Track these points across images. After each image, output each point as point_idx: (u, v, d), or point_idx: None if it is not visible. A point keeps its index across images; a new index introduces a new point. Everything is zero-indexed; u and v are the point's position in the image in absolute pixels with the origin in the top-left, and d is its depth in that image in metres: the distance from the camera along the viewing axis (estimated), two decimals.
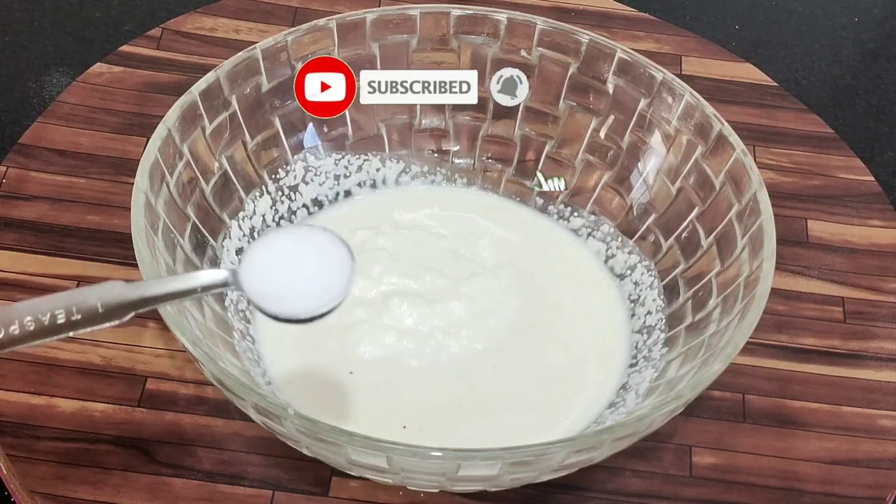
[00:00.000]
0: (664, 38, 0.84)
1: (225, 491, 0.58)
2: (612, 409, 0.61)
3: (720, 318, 0.59)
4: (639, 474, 0.61)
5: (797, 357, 0.66)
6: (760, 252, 0.58)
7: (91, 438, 0.59)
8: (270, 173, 0.68)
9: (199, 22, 0.82)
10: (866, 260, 0.71)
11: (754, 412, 0.64)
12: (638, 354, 0.64)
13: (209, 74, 0.64)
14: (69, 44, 0.86)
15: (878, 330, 0.68)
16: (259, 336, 0.63)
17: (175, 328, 0.53)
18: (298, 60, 0.67)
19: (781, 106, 0.80)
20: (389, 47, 0.69)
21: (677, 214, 0.66)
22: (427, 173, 0.73)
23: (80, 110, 0.75)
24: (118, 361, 0.63)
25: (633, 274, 0.68)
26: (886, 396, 0.65)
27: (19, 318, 0.46)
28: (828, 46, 0.94)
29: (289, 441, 0.55)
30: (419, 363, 0.63)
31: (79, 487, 0.58)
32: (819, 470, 0.61)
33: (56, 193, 0.70)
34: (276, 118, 0.68)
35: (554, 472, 0.55)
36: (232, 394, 0.53)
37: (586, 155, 0.70)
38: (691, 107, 0.65)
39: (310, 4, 0.83)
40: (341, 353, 0.63)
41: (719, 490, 0.60)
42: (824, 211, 0.74)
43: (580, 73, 0.69)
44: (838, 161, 0.77)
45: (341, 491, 0.59)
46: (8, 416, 0.60)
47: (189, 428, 0.60)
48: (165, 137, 0.60)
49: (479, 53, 0.70)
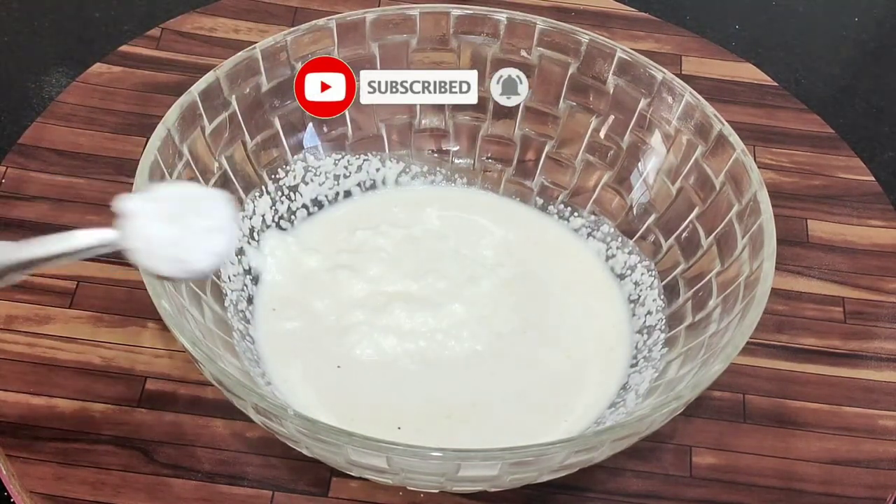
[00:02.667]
0: (664, 38, 0.84)
1: (225, 491, 0.58)
2: (612, 410, 0.61)
3: (720, 319, 0.59)
4: (639, 474, 0.61)
5: (797, 357, 0.66)
6: (761, 252, 0.58)
7: (91, 439, 0.59)
8: (270, 173, 0.68)
9: (199, 22, 0.82)
10: (866, 260, 0.71)
11: (754, 412, 0.63)
12: (638, 355, 0.64)
13: (209, 74, 0.64)
14: (69, 44, 0.86)
15: (879, 330, 0.68)
16: (259, 336, 0.63)
17: (175, 328, 0.53)
18: (298, 60, 0.67)
19: (781, 106, 0.80)
20: (389, 47, 0.69)
21: (677, 214, 0.66)
22: (427, 173, 0.73)
23: (80, 110, 0.75)
24: (118, 362, 0.63)
25: (634, 274, 0.67)
26: (886, 396, 0.65)
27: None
28: (828, 46, 0.94)
29: (289, 441, 0.55)
30: (419, 364, 0.63)
31: (78, 488, 0.58)
32: (819, 470, 0.61)
33: (56, 193, 0.70)
34: (276, 118, 0.68)
35: (554, 472, 0.55)
36: (232, 394, 0.53)
37: (586, 155, 0.70)
38: (691, 107, 0.65)
39: (310, 4, 0.83)
40: (341, 353, 0.63)
41: (719, 490, 0.60)
42: (824, 211, 0.74)
43: (580, 73, 0.69)
44: (838, 161, 0.77)
45: (341, 491, 0.59)
46: (8, 417, 0.60)
47: (189, 428, 0.60)
48: (165, 137, 0.60)
49: (479, 53, 0.70)
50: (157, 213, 0.49)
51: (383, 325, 0.64)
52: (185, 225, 0.49)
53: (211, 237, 0.50)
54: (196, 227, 0.49)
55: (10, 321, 0.64)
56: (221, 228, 0.50)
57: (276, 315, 0.65)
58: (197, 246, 0.49)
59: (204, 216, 0.50)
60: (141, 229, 0.49)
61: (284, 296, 0.65)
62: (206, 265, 0.50)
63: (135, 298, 0.65)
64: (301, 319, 0.64)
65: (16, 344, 0.63)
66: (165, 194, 0.50)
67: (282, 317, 0.64)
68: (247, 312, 0.64)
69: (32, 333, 0.63)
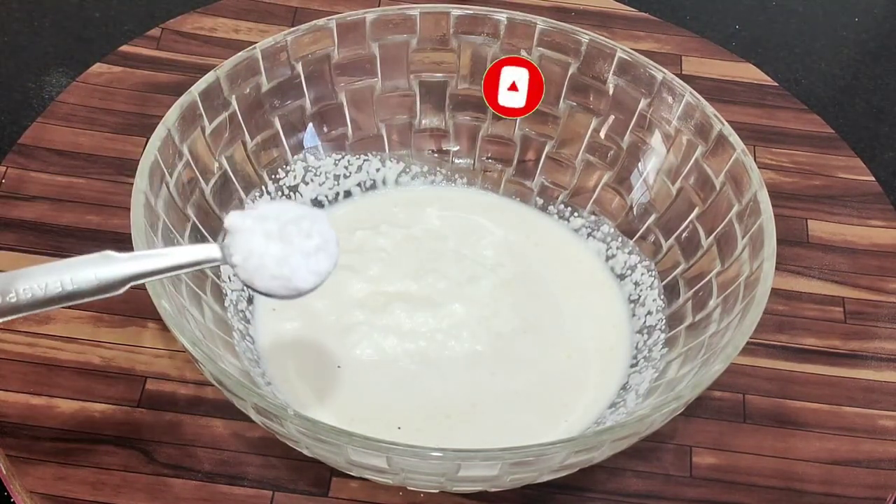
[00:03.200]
0: (664, 38, 0.84)
1: (225, 491, 0.58)
2: (612, 410, 0.61)
3: (720, 319, 0.59)
4: (639, 475, 0.61)
5: (797, 357, 0.66)
6: (761, 252, 0.58)
7: (91, 439, 0.59)
8: (270, 173, 0.68)
9: (199, 22, 0.82)
10: (866, 260, 0.71)
11: (754, 412, 0.63)
12: (638, 355, 0.64)
13: (209, 74, 0.64)
14: (69, 44, 0.86)
15: (879, 330, 0.68)
16: (259, 336, 0.63)
17: (175, 328, 0.53)
18: (298, 60, 0.67)
19: (781, 106, 0.80)
20: (389, 47, 0.69)
21: (677, 214, 0.66)
22: (427, 173, 0.73)
23: (80, 110, 0.75)
24: (118, 362, 0.63)
25: (634, 274, 0.67)
26: (887, 396, 0.65)
27: (16, 287, 0.46)
28: (828, 46, 0.94)
29: (289, 441, 0.55)
30: (419, 364, 0.63)
31: (78, 488, 0.58)
32: (819, 470, 0.61)
33: (56, 194, 0.70)
34: (276, 118, 0.68)
35: (554, 472, 0.55)
36: (232, 394, 0.53)
37: (586, 155, 0.70)
38: (691, 107, 0.65)
39: (310, 4, 0.83)
40: (341, 353, 0.63)
41: (719, 490, 0.60)
42: (825, 211, 0.74)
43: (580, 73, 0.69)
44: (838, 161, 0.77)
45: (341, 491, 0.59)
46: (8, 416, 0.60)
47: (189, 428, 0.60)
48: (165, 137, 0.60)
49: (478, 53, 0.70)
50: (263, 230, 0.50)
51: (383, 325, 0.64)
52: (290, 243, 0.50)
53: (316, 257, 0.50)
54: (300, 246, 0.50)
55: (10, 321, 0.63)
56: (325, 248, 0.51)
57: (276, 315, 0.65)
58: (301, 265, 0.50)
59: (307, 235, 0.50)
60: (246, 245, 0.49)
61: None
62: (310, 285, 0.50)
63: (135, 298, 0.64)
64: (301, 319, 0.64)
65: (16, 344, 0.63)
66: (270, 212, 0.50)
67: (282, 317, 0.64)
68: (247, 312, 0.64)
69: (32, 333, 0.63)
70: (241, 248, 0.49)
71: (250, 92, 0.66)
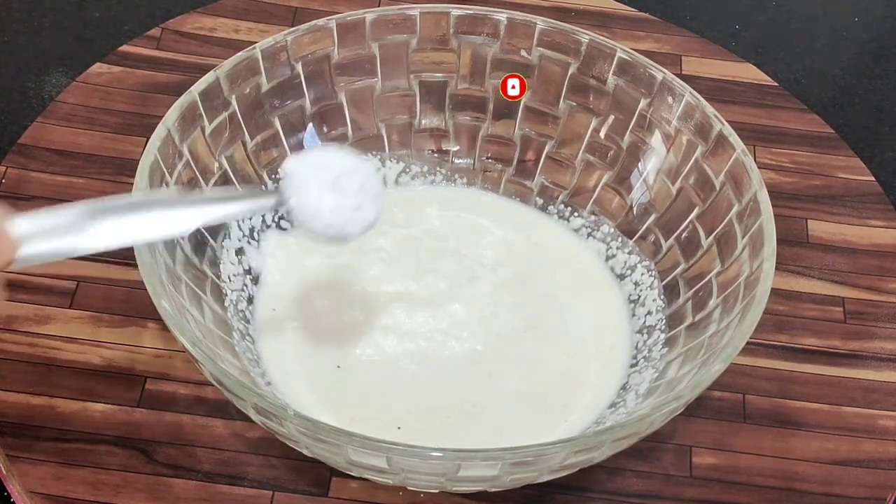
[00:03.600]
0: (664, 38, 0.84)
1: (225, 491, 0.58)
2: (612, 410, 0.61)
3: (720, 319, 0.59)
4: (639, 475, 0.61)
5: (797, 357, 0.66)
6: (761, 252, 0.58)
7: (91, 439, 0.59)
8: (270, 173, 0.68)
9: (199, 22, 0.82)
10: (866, 260, 0.71)
11: (754, 412, 0.63)
12: (638, 355, 0.64)
13: (209, 74, 0.64)
14: (69, 44, 0.86)
15: (879, 330, 0.68)
16: (259, 336, 0.63)
17: (175, 328, 0.53)
18: (298, 60, 0.67)
19: (781, 106, 0.80)
20: (389, 47, 0.69)
21: (677, 214, 0.66)
22: (427, 173, 0.73)
23: (80, 110, 0.75)
24: (118, 362, 0.63)
25: (633, 274, 0.67)
26: (886, 396, 0.65)
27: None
28: (828, 46, 0.94)
29: (289, 441, 0.55)
30: (419, 364, 0.63)
31: (78, 488, 0.58)
32: (819, 470, 0.61)
33: (56, 193, 0.70)
34: (276, 118, 0.68)
35: (554, 472, 0.55)
36: (232, 394, 0.53)
37: (586, 155, 0.70)
38: (691, 107, 0.65)
39: (310, 4, 0.83)
40: (341, 353, 0.63)
41: (719, 490, 0.60)
42: (824, 211, 0.74)
43: (580, 73, 0.69)
44: (838, 161, 0.77)
45: (341, 491, 0.59)
46: (8, 416, 0.60)
47: (189, 428, 0.60)
48: (165, 137, 0.60)
49: (478, 53, 0.70)
50: (319, 180, 0.53)
51: (383, 325, 0.64)
52: (343, 192, 0.53)
53: (365, 207, 0.54)
54: (352, 200, 0.53)
55: (10, 321, 0.64)
56: (374, 199, 0.54)
57: (276, 315, 0.65)
58: (352, 215, 0.53)
59: (360, 188, 0.54)
60: (302, 191, 0.53)
61: (284, 296, 0.65)
62: (357, 233, 0.54)
63: (135, 298, 0.65)
64: (301, 319, 0.64)
65: (16, 344, 0.63)
66: (326, 159, 0.54)
67: (282, 317, 0.64)
68: (247, 312, 0.64)
69: (33, 333, 0.63)
70: (298, 193, 0.53)
71: (250, 92, 0.66)
